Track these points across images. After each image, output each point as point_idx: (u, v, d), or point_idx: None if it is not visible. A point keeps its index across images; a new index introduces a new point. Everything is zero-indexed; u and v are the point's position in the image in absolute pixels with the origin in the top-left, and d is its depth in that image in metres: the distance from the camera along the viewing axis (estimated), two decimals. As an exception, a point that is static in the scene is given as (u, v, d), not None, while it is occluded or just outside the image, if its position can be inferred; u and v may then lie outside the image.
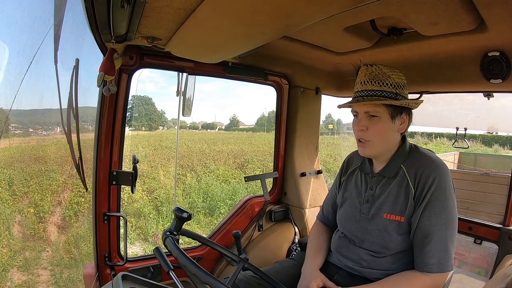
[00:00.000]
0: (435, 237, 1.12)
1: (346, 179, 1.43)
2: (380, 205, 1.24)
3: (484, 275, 1.86)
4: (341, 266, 1.35)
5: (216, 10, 0.91)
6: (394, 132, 1.22)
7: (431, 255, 1.11)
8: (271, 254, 2.02)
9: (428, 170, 1.17)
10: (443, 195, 1.14)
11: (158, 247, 1.12)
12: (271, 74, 1.99)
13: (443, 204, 1.13)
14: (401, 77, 1.22)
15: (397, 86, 1.19)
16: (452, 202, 1.16)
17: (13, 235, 4.70)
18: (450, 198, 1.15)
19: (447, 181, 1.16)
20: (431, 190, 1.14)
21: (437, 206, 1.13)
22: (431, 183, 1.14)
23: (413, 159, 1.23)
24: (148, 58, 1.51)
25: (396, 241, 1.19)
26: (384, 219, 1.21)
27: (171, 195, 8.08)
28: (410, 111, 1.25)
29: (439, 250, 1.11)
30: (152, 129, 25.86)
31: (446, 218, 1.13)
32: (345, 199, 1.39)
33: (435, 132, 20.62)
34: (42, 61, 1.43)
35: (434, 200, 1.13)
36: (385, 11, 1.14)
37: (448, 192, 1.15)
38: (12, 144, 6.03)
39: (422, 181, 1.16)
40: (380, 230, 1.21)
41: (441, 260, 1.11)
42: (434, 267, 1.10)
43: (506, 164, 6.95)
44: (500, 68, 1.39)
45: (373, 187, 1.28)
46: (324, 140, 17.27)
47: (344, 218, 1.37)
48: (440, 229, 1.12)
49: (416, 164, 1.20)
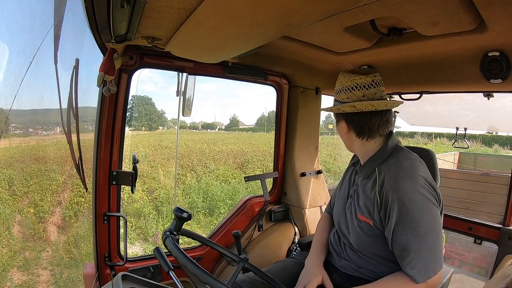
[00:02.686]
0: (413, 250, 1.06)
1: (346, 172, 1.48)
2: (356, 203, 1.26)
3: (484, 275, 1.87)
4: (338, 267, 1.35)
5: (216, 10, 0.91)
6: (348, 135, 1.27)
7: (411, 267, 1.06)
8: (271, 254, 2.02)
9: (393, 182, 1.10)
10: (415, 208, 1.06)
11: (158, 247, 1.12)
12: (271, 74, 1.99)
13: (417, 217, 1.06)
14: (340, 82, 1.23)
15: (335, 93, 1.26)
16: (426, 213, 1.07)
17: (13, 235, 4.70)
18: (426, 208, 1.08)
19: (416, 193, 1.08)
20: (398, 204, 1.07)
21: (409, 220, 1.06)
22: (397, 197, 1.08)
23: (387, 163, 1.19)
24: (148, 58, 1.51)
25: (367, 242, 1.19)
26: (357, 218, 1.23)
27: (171, 195, 8.08)
28: (347, 115, 1.23)
29: (420, 261, 1.06)
30: (152, 129, 25.87)
31: (424, 231, 1.06)
32: (340, 192, 1.43)
33: (435, 132, 20.60)
34: (42, 61, 1.43)
35: (406, 214, 1.06)
36: (385, 11, 1.14)
37: (421, 204, 1.07)
38: (12, 144, 6.03)
39: (385, 195, 1.11)
40: (355, 227, 1.23)
41: (423, 270, 1.06)
42: (418, 277, 1.06)
43: (506, 164, 6.94)
44: (500, 68, 1.39)
45: (357, 184, 1.31)
46: (324, 140, 17.25)
47: (335, 211, 1.42)
48: (417, 242, 1.05)
49: (385, 171, 1.16)
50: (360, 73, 1.21)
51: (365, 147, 1.25)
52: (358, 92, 1.18)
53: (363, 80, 1.18)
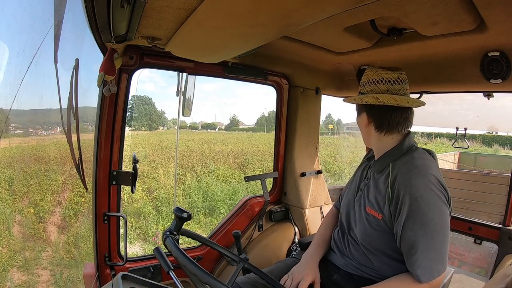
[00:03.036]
0: (420, 248, 1.07)
1: (360, 165, 1.49)
2: (366, 196, 1.26)
3: (484, 275, 1.86)
4: (340, 266, 1.35)
5: (216, 10, 0.91)
6: (363, 128, 1.30)
7: (417, 265, 1.08)
8: (271, 254, 2.02)
9: (406, 178, 1.12)
10: (425, 205, 1.08)
11: (158, 247, 1.12)
12: (271, 74, 1.99)
13: (426, 215, 1.08)
14: (367, 74, 1.26)
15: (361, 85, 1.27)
16: (437, 211, 1.09)
17: (13, 235, 4.70)
18: (435, 206, 1.09)
19: (428, 191, 1.10)
20: (409, 201, 1.09)
21: (419, 217, 1.08)
22: (407, 193, 1.10)
23: (401, 160, 1.20)
24: (148, 58, 1.51)
25: (372, 236, 1.20)
26: (366, 211, 1.24)
27: (171, 195, 8.08)
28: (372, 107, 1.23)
29: (425, 260, 1.07)
30: (152, 129, 25.85)
31: (432, 229, 1.08)
32: (350, 185, 1.45)
33: (435, 132, 20.60)
34: (42, 61, 1.43)
35: (416, 210, 1.08)
36: (385, 11, 1.14)
37: (431, 202, 1.09)
38: (12, 144, 6.03)
39: (397, 190, 1.13)
40: (362, 220, 1.24)
41: (428, 269, 1.07)
42: (422, 277, 1.07)
43: (506, 164, 6.95)
44: (500, 68, 1.39)
45: (369, 178, 1.32)
46: (324, 140, 17.26)
47: (343, 204, 1.42)
48: (425, 240, 1.07)
49: (399, 167, 1.18)
50: (387, 69, 1.23)
51: (382, 141, 1.26)
52: (382, 86, 1.21)
53: (389, 75, 1.21)
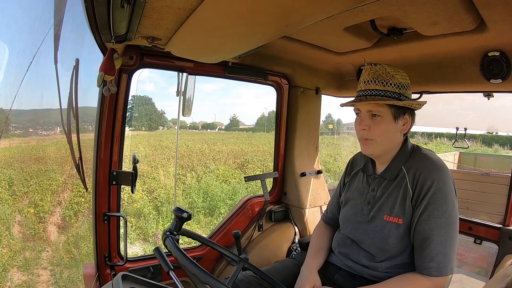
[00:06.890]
0: (434, 241, 1.10)
1: (350, 179, 1.44)
2: (380, 206, 1.24)
3: (484, 275, 1.86)
4: (341, 266, 1.35)
5: (216, 10, 0.91)
6: (397, 133, 1.22)
7: (430, 259, 1.10)
8: (271, 254, 2.02)
9: (427, 172, 1.15)
10: (443, 198, 1.12)
11: (158, 247, 1.12)
12: (271, 74, 1.99)
13: (442, 208, 1.11)
14: (405, 77, 1.21)
15: (400, 87, 1.18)
16: (452, 205, 1.13)
17: (13, 235, 4.70)
18: (450, 201, 1.13)
19: (447, 184, 1.14)
20: (430, 192, 1.12)
21: (436, 210, 1.11)
22: (430, 185, 1.13)
23: (413, 160, 1.22)
24: (148, 58, 1.51)
25: (392, 243, 1.18)
26: (383, 220, 1.21)
27: (171, 195, 8.07)
28: (413, 112, 1.24)
29: (438, 254, 1.09)
30: (152, 129, 25.82)
31: (446, 222, 1.11)
32: (348, 200, 1.40)
33: (435, 132, 20.63)
34: (42, 61, 1.43)
35: (433, 203, 1.11)
36: (385, 11, 1.14)
37: (448, 195, 1.13)
38: (12, 144, 6.04)
39: (420, 183, 1.15)
40: (378, 232, 1.22)
41: (440, 264, 1.09)
42: (433, 271, 1.09)
43: (506, 164, 6.96)
44: (500, 68, 1.39)
45: (374, 189, 1.28)
46: (324, 140, 17.26)
47: (345, 219, 1.37)
48: (439, 233, 1.10)
49: (416, 166, 1.19)
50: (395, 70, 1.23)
51: (398, 145, 1.26)
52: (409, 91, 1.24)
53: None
